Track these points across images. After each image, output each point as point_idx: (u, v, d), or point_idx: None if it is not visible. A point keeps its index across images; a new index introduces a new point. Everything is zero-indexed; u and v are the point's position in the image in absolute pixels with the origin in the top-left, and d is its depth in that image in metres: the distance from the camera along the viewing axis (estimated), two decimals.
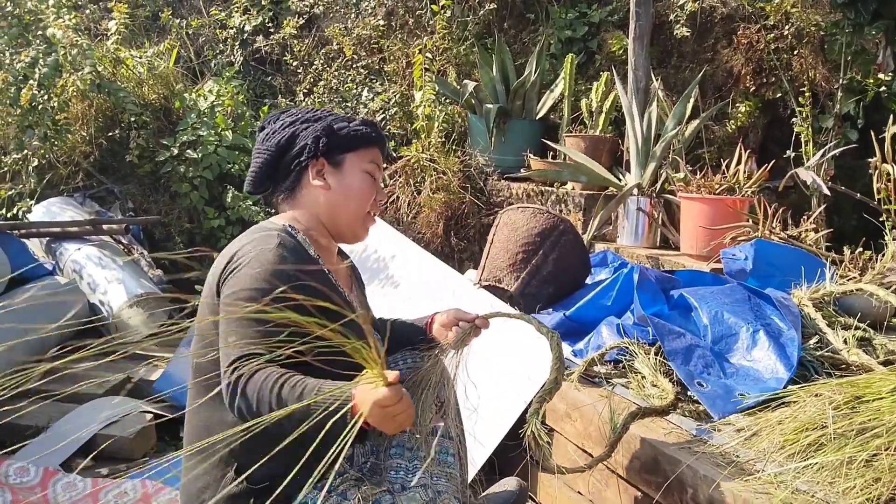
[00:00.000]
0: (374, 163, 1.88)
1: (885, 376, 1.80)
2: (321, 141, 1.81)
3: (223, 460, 1.66)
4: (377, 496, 1.69)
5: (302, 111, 1.89)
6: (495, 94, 4.46)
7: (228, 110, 4.56)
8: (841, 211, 4.06)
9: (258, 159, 1.86)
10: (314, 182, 1.83)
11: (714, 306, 2.38)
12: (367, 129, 1.87)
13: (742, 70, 4.41)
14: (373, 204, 1.88)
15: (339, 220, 1.85)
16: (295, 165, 1.83)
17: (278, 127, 1.85)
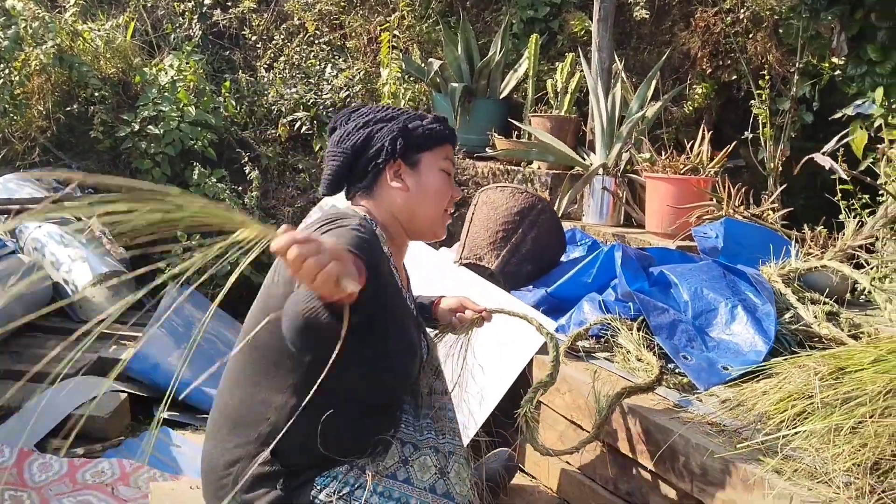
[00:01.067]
0: (448, 160, 1.90)
1: (865, 348, 1.92)
2: (398, 142, 1.82)
3: (262, 438, 1.70)
4: (393, 469, 1.75)
5: (373, 109, 1.89)
6: (460, 73, 4.50)
7: (190, 85, 4.50)
8: (790, 191, 4.23)
9: (334, 162, 1.86)
10: (392, 184, 1.84)
11: (693, 283, 2.48)
12: (441, 127, 1.88)
13: (699, 53, 4.53)
14: (449, 201, 1.90)
15: (418, 220, 1.86)
16: (372, 167, 1.83)
17: (352, 128, 1.85)
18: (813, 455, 1.75)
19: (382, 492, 1.70)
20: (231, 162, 4.56)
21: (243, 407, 1.73)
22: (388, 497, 1.70)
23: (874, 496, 1.64)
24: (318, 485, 1.70)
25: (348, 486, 1.70)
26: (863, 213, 3.14)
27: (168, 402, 3.48)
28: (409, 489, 1.72)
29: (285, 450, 1.70)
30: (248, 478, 1.69)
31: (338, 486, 1.69)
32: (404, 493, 1.71)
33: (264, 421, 1.70)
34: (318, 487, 1.70)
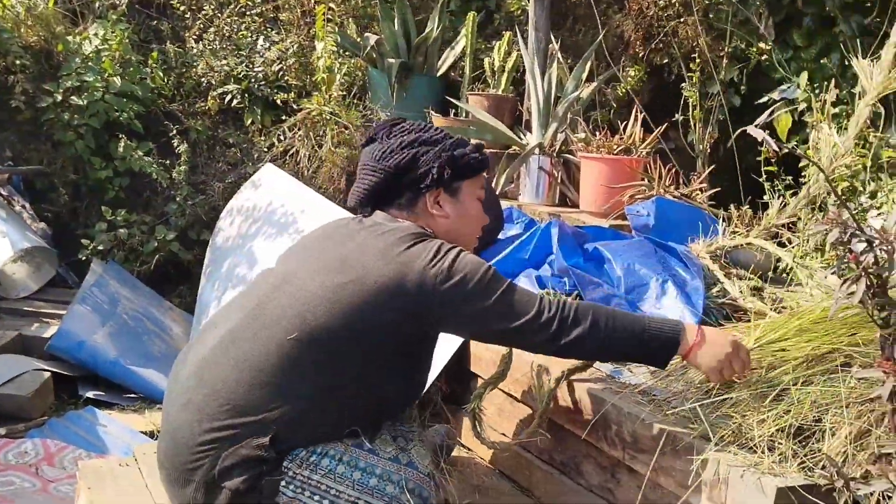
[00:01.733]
0: (483, 188, 1.97)
1: (788, 319, 2.00)
2: (446, 171, 1.85)
3: (264, 423, 1.69)
4: (359, 440, 1.76)
5: (415, 128, 1.91)
6: (397, 49, 4.47)
7: (116, 55, 4.36)
8: (718, 172, 4.34)
9: (372, 178, 1.88)
10: (433, 210, 1.89)
11: (626, 259, 2.54)
12: (481, 157, 1.93)
13: (633, 36, 4.59)
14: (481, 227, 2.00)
15: (454, 242, 1.86)
16: (413, 190, 1.87)
17: (396, 146, 1.86)
18: (739, 421, 1.81)
19: (349, 461, 1.73)
20: (158, 135, 4.45)
21: (253, 392, 1.71)
22: (353, 466, 1.73)
23: (796, 460, 1.71)
24: (291, 455, 1.72)
25: (315, 455, 1.72)
26: (786, 193, 3.24)
27: (94, 382, 3.41)
28: (374, 459, 1.75)
29: (287, 438, 1.70)
30: (233, 456, 1.67)
31: (306, 454, 1.72)
32: (370, 463, 1.74)
33: (274, 409, 1.69)
34: (290, 458, 1.71)
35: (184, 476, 1.73)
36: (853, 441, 1.71)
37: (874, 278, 1.49)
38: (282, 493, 1.70)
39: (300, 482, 1.70)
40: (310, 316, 1.72)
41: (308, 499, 1.70)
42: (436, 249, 1.76)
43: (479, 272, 1.75)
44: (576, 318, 1.76)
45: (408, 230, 1.82)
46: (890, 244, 1.47)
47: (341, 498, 1.71)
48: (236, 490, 1.67)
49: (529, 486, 2.23)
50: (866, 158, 3.28)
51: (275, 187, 3.64)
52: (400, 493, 1.73)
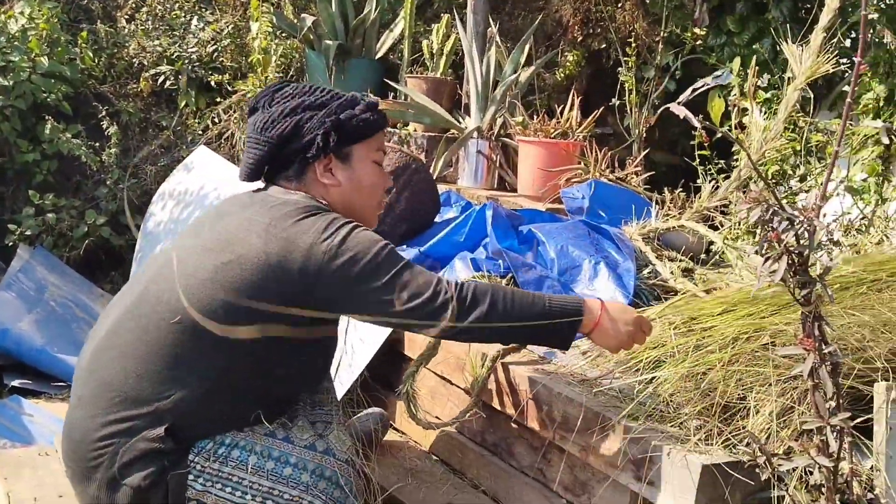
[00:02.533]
0: (380, 150, 1.83)
1: (715, 299, 2.03)
2: (331, 137, 1.72)
3: (157, 414, 1.62)
4: (272, 429, 1.71)
5: (299, 91, 1.77)
6: (334, 31, 4.40)
7: (43, 34, 4.21)
8: (654, 156, 4.39)
9: (257, 151, 1.75)
10: (322, 179, 1.76)
11: (559, 241, 2.54)
12: (373, 116, 1.79)
13: (570, 20, 4.61)
14: (382, 192, 1.86)
15: (351, 210, 1.78)
16: (300, 159, 1.74)
17: (278, 115, 1.72)
18: (666, 400, 1.83)
19: (261, 451, 1.67)
20: (88, 117, 4.31)
21: (143, 382, 1.63)
22: (266, 456, 1.67)
23: (721, 437, 1.74)
24: (196, 448, 1.65)
25: (224, 447, 1.66)
26: (718, 176, 3.29)
27: (20, 370, 3.31)
28: (288, 447, 1.70)
29: (184, 428, 1.64)
30: (131, 451, 1.61)
31: (213, 447, 1.66)
32: (284, 452, 1.69)
33: (166, 398, 1.62)
34: (196, 451, 1.65)
35: (85, 474, 1.66)
36: (777, 418, 1.74)
37: (795, 256, 1.51)
38: (190, 486, 1.63)
39: (209, 475, 1.64)
40: (192, 298, 1.62)
41: (219, 491, 1.64)
42: (326, 224, 1.64)
43: (373, 250, 1.62)
44: (474, 299, 1.65)
45: (297, 204, 1.69)
46: (810, 222, 1.49)
47: (253, 488, 1.65)
48: (138, 487, 1.61)
49: (462, 468, 2.23)
50: (796, 142, 3.35)
51: (208, 171, 3.56)
52: (316, 481, 1.67)
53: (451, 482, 2.17)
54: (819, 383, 1.52)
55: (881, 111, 3.41)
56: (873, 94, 3.42)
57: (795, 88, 3.14)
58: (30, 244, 3.95)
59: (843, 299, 2.04)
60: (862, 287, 2.09)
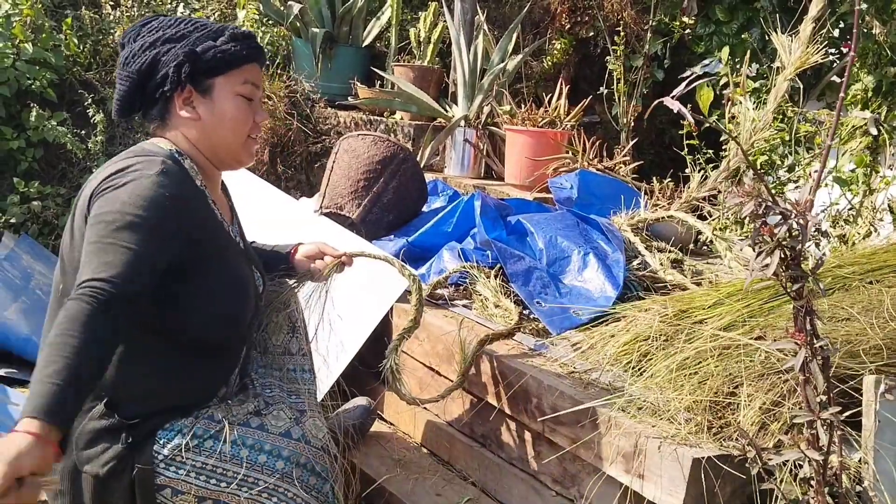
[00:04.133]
0: (248, 83, 1.71)
1: (706, 292, 2.02)
2: (183, 69, 1.63)
3: (96, 392, 1.59)
4: (246, 418, 1.70)
5: (164, 24, 1.68)
6: (321, 19, 4.36)
7: (27, 21, 4.15)
8: (641, 146, 4.39)
9: (121, 86, 1.68)
10: (182, 113, 1.68)
11: (548, 231, 2.53)
12: (237, 47, 1.68)
13: (558, 8, 4.58)
14: (253, 126, 1.73)
15: (217, 149, 1.71)
16: (159, 95, 1.67)
17: (138, 49, 1.66)
18: (657, 394, 1.83)
19: (235, 439, 1.66)
20: (73, 104, 4.26)
21: None
22: (240, 444, 1.66)
23: (712, 431, 1.74)
24: (161, 439, 1.63)
25: (196, 438, 1.64)
26: (707, 167, 3.29)
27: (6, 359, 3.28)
28: (263, 435, 1.68)
29: (123, 401, 1.61)
30: (85, 434, 1.60)
31: (182, 439, 1.63)
32: (258, 440, 1.67)
33: None
34: (161, 442, 1.63)
35: None
36: (766, 412, 1.75)
37: (788, 251, 1.51)
38: (160, 474, 1.61)
39: (181, 464, 1.62)
40: (64, 266, 1.61)
41: (195, 480, 1.62)
42: (123, 167, 1.56)
43: (120, 212, 1.49)
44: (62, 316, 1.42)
45: (127, 152, 1.63)
46: (803, 217, 1.49)
47: (228, 476, 1.63)
48: (97, 475, 1.59)
49: (450, 459, 2.22)
50: (784, 133, 3.36)
51: None
52: (292, 468, 1.66)
53: (440, 474, 2.17)
54: (810, 377, 1.52)
55: (869, 102, 3.42)
56: (862, 85, 3.42)
57: (785, 79, 3.13)
58: (15, 232, 3.91)
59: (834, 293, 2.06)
60: (853, 281, 2.10)
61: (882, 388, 1.70)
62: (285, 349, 1.90)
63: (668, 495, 1.68)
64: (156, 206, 1.52)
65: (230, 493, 1.64)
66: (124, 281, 1.44)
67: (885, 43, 3.35)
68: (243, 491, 1.64)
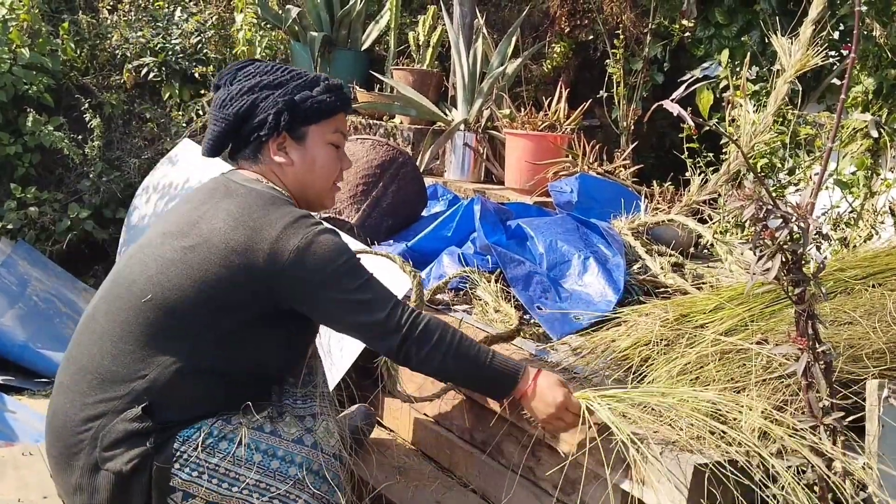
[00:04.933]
0: (338, 132, 1.82)
1: (707, 296, 2.01)
2: (283, 117, 1.73)
3: (134, 395, 1.62)
4: (260, 422, 1.71)
5: (260, 70, 1.77)
6: (320, 22, 4.36)
7: (24, 25, 4.14)
8: (642, 149, 4.38)
9: (216, 127, 1.76)
10: (276, 158, 1.76)
11: (548, 235, 2.52)
12: (331, 98, 1.78)
13: (558, 12, 4.58)
14: (339, 173, 1.84)
15: (306, 193, 1.81)
16: (254, 138, 1.75)
17: (236, 93, 1.74)
18: (658, 399, 1.81)
19: (249, 443, 1.67)
20: (70, 109, 4.25)
21: (117, 362, 1.63)
22: (254, 449, 1.67)
23: (714, 436, 1.72)
24: (181, 437, 1.65)
25: (212, 438, 1.66)
26: (707, 170, 3.28)
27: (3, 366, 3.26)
28: (276, 440, 1.70)
29: (163, 408, 1.63)
30: (112, 433, 1.61)
31: (201, 436, 1.65)
32: (271, 445, 1.69)
33: (141, 378, 1.62)
34: (181, 440, 1.64)
35: (67, 462, 1.66)
36: (769, 417, 1.73)
37: (789, 255, 1.49)
38: (175, 475, 1.63)
39: (196, 465, 1.64)
40: (162, 278, 1.64)
41: (207, 482, 1.64)
42: (294, 220, 1.66)
43: (337, 260, 1.65)
44: (421, 337, 1.67)
45: (262, 195, 1.72)
46: (805, 220, 1.47)
47: (240, 480, 1.65)
48: (119, 472, 1.61)
49: (451, 465, 2.20)
50: (784, 135, 3.34)
51: (192, 163, 3.52)
52: (304, 474, 1.67)
53: (440, 480, 2.15)
54: (812, 382, 1.51)
55: (870, 104, 3.41)
56: (862, 87, 3.41)
57: (785, 81, 3.12)
58: (12, 238, 3.90)
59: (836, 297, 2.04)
60: (855, 284, 2.09)
61: (885, 393, 1.68)
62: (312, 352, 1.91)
63: (670, 501, 1.66)
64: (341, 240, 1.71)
65: (241, 498, 1.65)
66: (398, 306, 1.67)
67: (885, 45, 3.34)
68: (255, 496, 1.65)
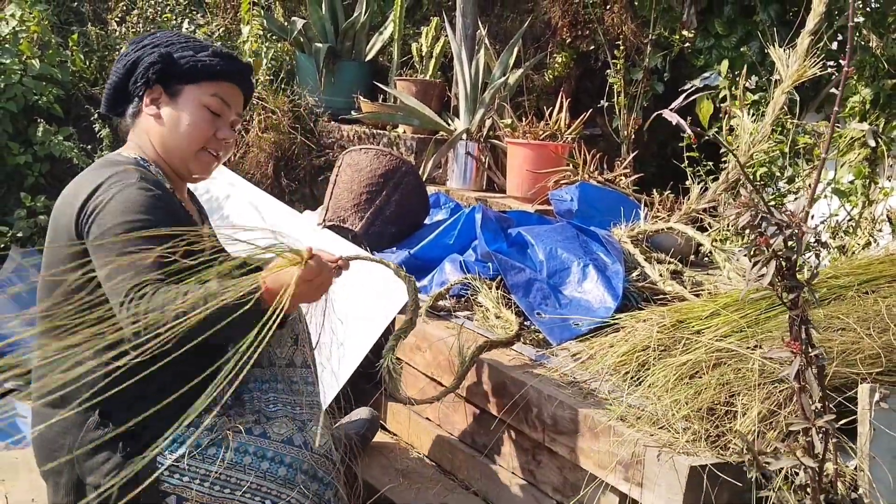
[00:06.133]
0: (216, 96, 1.78)
1: (704, 303, 2.05)
2: (154, 67, 1.74)
3: (84, 402, 1.56)
4: (247, 424, 1.74)
5: (165, 35, 1.81)
6: (325, 34, 4.42)
7: (34, 37, 4.21)
8: (643, 158, 4.42)
9: (110, 80, 1.81)
10: (146, 110, 1.77)
11: (548, 243, 2.57)
12: (215, 61, 1.77)
13: (559, 22, 4.63)
14: (213, 141, 1.79)
15: (170, 154, 1.78)
16: (135, 90, 1.77)
17: (131, 49, 1.79)
18: (655, 403, 1.86)
19: (238, 447, 1.69)
20: (79, 119, 4.32)
21: None
22: (244, 452, 1.70)
23: (709, 439, 1.76)
24: (165, 450, 1.66)
25: (198, 448, 1.68)
26: (707, 178, 3.32)
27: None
28: (265, 442, 1.72)
29: (114, 409, 1.62)
30: (84, 446, 1.63)
31: (185, 449, 1.67)
32: (260, 447, 1.71)
33: (84, 385, 1.55)
34: (166, 453, 1.66)
35: (54, 480, 1.69)
36: (763, 420, 1.77)
37: (784, 261, 1.54)
38: (165, 481, 1.65)
39: (184, 471, 1.66)
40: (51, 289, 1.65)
41: (199, 486, 1.66)
42: (100, 181, 1.63)
43: (121, 223, 1.57)
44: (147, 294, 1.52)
45: (95, 165, 1.73)
46: (799, 228, 1.51)
47: (231, 482, 1.68)
48: (99, 485, 1.62)
49: (453, 469, 2.25)
50: (783, 145, 3.39)
51: None
52: (294, 474, 1.70)
53: (443, 483, 2.19)
54: (805, 385, 1.54)
55: (867, 114, 3.45)
56: (859, 98, 3.45)
57: (782, 91, 3.17)
58: (22, 246, 3.95)
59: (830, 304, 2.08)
60: (849, 291, 2.13)
61: (877, 397, 1.72)
62: (290, 361, 1.93)
63: (665, 503, 1.70)
64: (149, 207, 1.61)
65: (234, 499, 1.68)
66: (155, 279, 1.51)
67: (881, 56, 3.39)
68: (247, 497, 1.68)
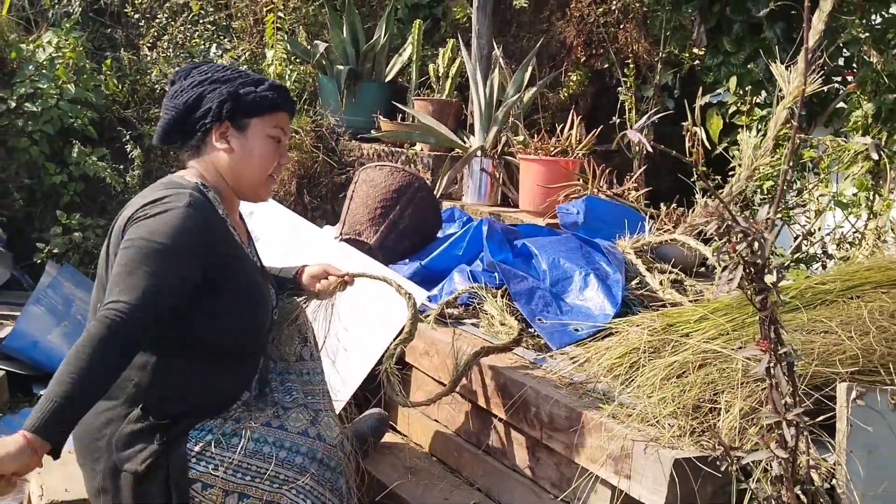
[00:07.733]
0: (278, 127, 1.95)
1: (694, 308, 2.16)
2: (225, 106, 1.88)
3: (130, 399, 1.80)
4: (267, 418, 1.90)
5: (213, 68, 1.94)
6: (346, 56, 4.59)
7: (70, 63, 4.44)
8: (658, 173, 4.52)
9: (166, 115, 1.93)
10: (217, 144, 1.90)
11: (551, 253, 2.69)
12: (273, 95, 1.93)
13: (574, 41, 4.75)
14: (275, 167, 1.97)
15: (241, 182, 1.93)
16: (200, 126, 1.89)
17: (187, 85, 1.91)
18: (644, 401, 1.97)
19: (258, 437, 1.85)
20: (112, 141, 4.53)
21: None
22: (264, 442, 1.85)
23: (693, 434, 1.87)
24: (193, 438, 1.82)
25: (224, 437, 1.83)
26: (716, 193, 3.41)
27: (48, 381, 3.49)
28: (283, 434, 1.88)
29: (156, 404, 1.81)
30: (123, 437, 1.79)
31: (212, 437, 1.83)
32: (279, 438, 1.87)
33: (129, 383, 1.79)
34: (193, 440, 1.82)
35: (91, 467, 1.84)
36: (744, 416, 1.87)
37: (751, 266, 1.65)
38: (192, 468, 1.80)
39: (210, 459, 1.81)
40: (105, 281, 1.79)
41: (223, 473, 1.81)
42: (156, 198, 1.79)
43: (149, 239, 1.71)
44: None
45: (160, 184, 1.88)
46: (761, 234, 1.62)
47: (252, 469, 1.82)
48: (136, 472, 1.77)
49: (458, 467, 2.37)
50: (782, 159, 3.47)
51: None
52: (309, 462, 1.85)
53: (448, 480, 2.31)
54: (775, 381, 1.65)
55: (870, 128, 3.53)
56: (862, 112, 3.53)
57: (784, 107, 3.27)
58: (57, 262, 4.15)
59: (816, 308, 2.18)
60: (834, 296, 2.22)
61: (854, 395, 1.82)
62: (298, 356, 2.10)
63: (651, 494, 1.81)
64: (182, 234, 1.75)
65: (254, 486, 1.83)
66: (145, 304, 1.66)
67: (883, 71, 3.47)
68: (266, 484, 1.83)
